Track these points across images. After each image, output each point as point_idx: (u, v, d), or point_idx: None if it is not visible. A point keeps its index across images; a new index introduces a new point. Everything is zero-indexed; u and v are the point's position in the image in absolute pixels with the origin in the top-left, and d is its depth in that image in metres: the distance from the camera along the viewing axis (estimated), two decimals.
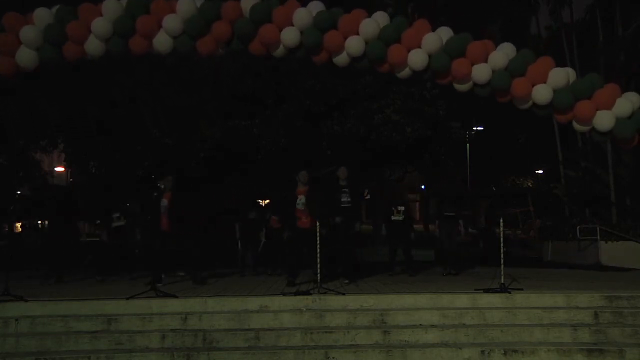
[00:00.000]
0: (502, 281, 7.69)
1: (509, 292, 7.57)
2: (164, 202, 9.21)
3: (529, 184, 33.92)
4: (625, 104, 7.70)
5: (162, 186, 9.47)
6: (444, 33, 7.86)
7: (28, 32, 7.62)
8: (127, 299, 7.31)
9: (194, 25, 7.63)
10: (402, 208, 10.50)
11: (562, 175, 19.92)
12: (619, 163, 17.21)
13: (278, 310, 7.16)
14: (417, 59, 7.73)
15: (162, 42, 7.73)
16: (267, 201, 13.25)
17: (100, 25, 7.57)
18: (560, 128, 19.55)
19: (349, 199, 9.21)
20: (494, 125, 26.57)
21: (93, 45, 7.70)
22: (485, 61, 7.74)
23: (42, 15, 7.68)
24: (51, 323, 6.84)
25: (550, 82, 7.73)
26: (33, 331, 6.76)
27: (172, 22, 7.60)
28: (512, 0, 20.90)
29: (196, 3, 7.71)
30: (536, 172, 33.59)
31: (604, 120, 7.71)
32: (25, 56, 7.71)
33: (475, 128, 28.29)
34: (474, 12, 18.32)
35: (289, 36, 7.71)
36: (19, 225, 30.58)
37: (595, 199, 17.60)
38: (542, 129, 21.38)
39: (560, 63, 8.03)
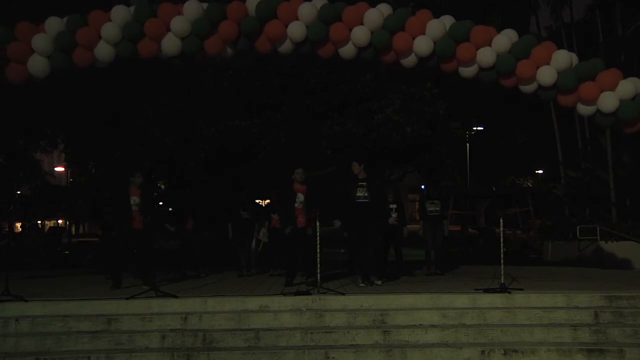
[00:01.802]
0: (502, 281, 7.69)
1: (509, 292, 7.56)
2: (135, 199, 8.89)
3: (529, 184, 33.94)
4: (628, 85, 7.78)
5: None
6: (447, 20, 7.99)
7: (39, 41, 7.72)
8: (127, 299, 7.32)
9: (201, 25, 7.73)
10: (394, 206, 10.49)
11: (562, 175, 19.94)
12: (619, 163, 17.23)
13: (278, 310, 7.15)
14: (422, 45, 7.84)
15: (170, 44, 7.81)
16: (267, 201, 13.24)
17: (110, 29, 7.67)
18: (560, 128, 19.60)
19: (365, 194, 8.57)
20: (494, 125, 26.59)
21: (103, 51, 7.79)
22: (490, 45, 7.84)
23: (54, 24, 7.77)
24: (51, 323, 6.83)
25: (554, 64, 7.83)
26: (33, 331, 6.76)
27: (179, 24, 7.70)
28: (512, 0, 20.92)
29: (202, 5, 7.81)
30: (536, 172, 33.64)
31: (608, 101, 7.77)
32: (37, 64, 7.79)
33: (475, 128, 28.29)
34: (473, 11, 18.32)
35: (295, 31, 7.83)
36: (19, 225, 30.59)
37: (595, 199, 17.63)
38: (542, 129, 21.40)
39: None
